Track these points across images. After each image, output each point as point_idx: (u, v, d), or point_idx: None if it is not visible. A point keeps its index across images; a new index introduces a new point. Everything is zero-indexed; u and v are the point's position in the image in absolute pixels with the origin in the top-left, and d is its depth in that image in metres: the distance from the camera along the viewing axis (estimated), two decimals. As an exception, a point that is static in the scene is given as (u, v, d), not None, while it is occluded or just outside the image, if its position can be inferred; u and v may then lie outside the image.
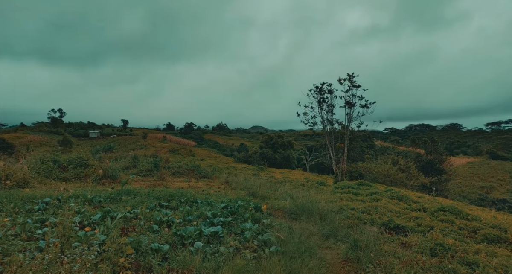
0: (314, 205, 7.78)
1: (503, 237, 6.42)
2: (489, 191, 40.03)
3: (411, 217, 7.80)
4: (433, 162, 31.20)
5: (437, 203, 10.32)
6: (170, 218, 5.89)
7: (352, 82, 21.94)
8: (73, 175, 11.95)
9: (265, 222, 6.11)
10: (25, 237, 4.58)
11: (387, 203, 9.54)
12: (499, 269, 4.61)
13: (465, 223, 7.41)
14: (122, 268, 3.61)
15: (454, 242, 5.68)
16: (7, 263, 3.19)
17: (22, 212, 5.99)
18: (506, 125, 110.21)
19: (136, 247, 4.25)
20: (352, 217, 7.54)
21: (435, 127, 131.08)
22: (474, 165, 52.77)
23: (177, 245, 4.69)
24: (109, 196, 7.91)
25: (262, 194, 10.18)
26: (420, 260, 4.72)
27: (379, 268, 4.40)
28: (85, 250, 3.52)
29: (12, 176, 9.52)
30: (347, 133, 22.32)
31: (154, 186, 11.21)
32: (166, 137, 77.28)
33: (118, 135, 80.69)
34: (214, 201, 8.00)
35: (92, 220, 5.43)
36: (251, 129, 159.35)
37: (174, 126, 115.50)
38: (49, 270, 3.09)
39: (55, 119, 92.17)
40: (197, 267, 3.91)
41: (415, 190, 18.83)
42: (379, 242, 5.42)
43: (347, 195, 11.12)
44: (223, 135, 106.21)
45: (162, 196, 8.32)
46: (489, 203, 28.25)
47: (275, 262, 4.15)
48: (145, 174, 15.18)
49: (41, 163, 12.21)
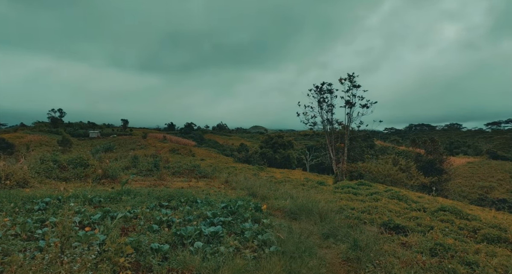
0: (314, 205, 7.78)
1: (503, 237, 6.42)
2: (489, 191, 40.03)
3: (411, 217, 7.80)
4: (433, 162, 31.20)
5: (437, 203, 10.33)
6: (170, 218, 5.89)
7: (352, 82, 21.97)
8: (73, 175, 11.95)
9: (265, 222, 6.10)
10: (25, 237, 4.58)
11: (387, 203, 9.55)
12: (499, 269, 4.61)
13: (465, 223, 7.41)
14: (122, 268, 3.61)
15: (454, 242, 5.68)
16: (7, 263, 3.19)
17: (22, 212, 5.99)
18: (506, 125, 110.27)
19: (136, 247, 4.25)
20: (352, 217, 7.55)
21: (435, 127, 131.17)
22: (474, 165, 52.74)
23: (177, 245, 4.69)
24: (109, 196, 7.91)
25: (262, 194, 10.18)
26: (420, 260, 4.72)
27: (379, 268, 4.40)
28: (85, 250, 3.52)
29: (12, 176, 9.51)
30: (347, 133, 22.33)
31: (154, 186, 11.20)
32: (166, 137, 77.26)
33: (118, 135, 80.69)
34: (214, 201, 7.99)
35: (92, 220, 5.43)
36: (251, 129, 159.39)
37: (175, 126, 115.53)
38: (49, 270, 3.09)
39: (55, 119, 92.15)
40: (197, 267, 3.91)
41: (415, 190, 18.83)
42: (379, 242, 5.42)
43: (347, 195, 11.12)
44: (223, 135, 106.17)
45: (162, 196, 8.32)
46: (489, 203, 28.26)
47: (275, 262, 4.15)
48: (145, 174, 15.18)
49: (41, 163, 12.21)
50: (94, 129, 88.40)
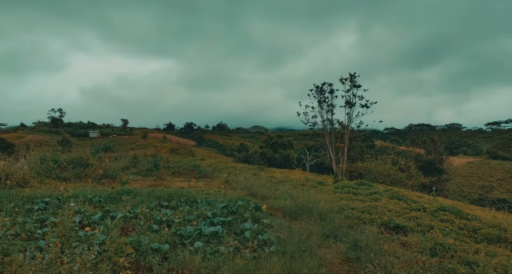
0: (314, 204, 7.78)
1: (503, 237, 6.42)
2: (489, 190, 40.04)
3: (411, 216, 7.81)
4: (433, 162, 31.20)
5: (437, 203, 10.33)
6: (170, 218, 5.89)
7: (353, 82, 21.98)
8: (73, 175, 11.95)
9: (265, 221, 6.11)
10: (25, 237, 4.58)
11: (387, 203, 9.55)
12: (499, 268, 4.61)
13: (465, 222, 7.41)
14: (122, 268, 3.61)
15: (454, 242, 5.68)
16: (7, 262, 3.19)
17: (22, 211, 5.99)
18: (506, 125, 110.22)
19: (136, 247, 4.25)
20: (352, 216, 7.55)
21: (435, 127, 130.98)
22: (474, 165, 52.72)
23: (177, 245, 4.69)
24: (109, 196, 7.91)
25: (262, 193, 10.17)
26: (420, 260, 4.72)
27: (379, 268, 4.40)
28: (85, 250, 3.52)
29: (12, 176, 9.51)
30: (347, 133, 22.33)
31: (154, 186, 11.20)
32: (166, 137, 77.19)
33: (118, 135, 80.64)
34: (214, 201, 8.00)
35: (92, 220, 5.43)
36: (251, 129, 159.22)
37: (174, 125, 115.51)
38: (49, 270, 3.09)
39: (55, 119, 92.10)
40: (197, 266, 3.91)
41: (415, 190, 18.83)
42: (379, 242, 5.42)
43: (347, 195, 11.12)
44: (223, 135, 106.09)
45: (162, 196, 8.32)
46: (489, 202, 28.26)
47: (275, 261, 4.15)
48: (145, 174, 15.17)
49: (41, 162, 12.21)
50: (94, 129, 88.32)
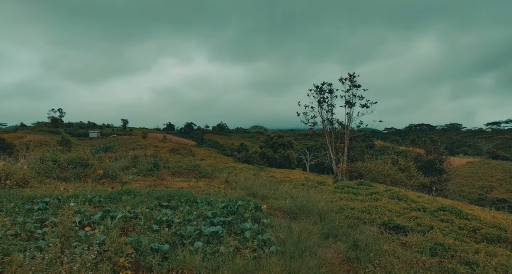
0: (314, 204, 7.78)
1: (503, 237, 6.42)
2: (489, 190, 40.06)
3: (411, 216, 7.81)
4: (433, 162, 31.22)
5: (437, 203, 10.33)
6: (170, 218, 5.89)
7: (353, 82, 21.99)
8: (73, 175, 11.94)
9: (265, 221, 6.11)
10: (25, 237, 4.58)
11: (387, 203, 9.55)
12: (499, 268, 4.61)
13: (465, 222, 7.41)
14: (122, 268, 3.61)
15: (454, 242, 5.68)
16: (7, 262, 3.18)
17: (22, 211, 5.98)
18: (506, 125, 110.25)
19: (136, 247, 4.24)
20: (352, 216, 7.54)
21: (435, 127, 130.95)
22: (474, 165, 52.75)
23: (177, 245, 4.69)
24: (109, 195, 7.91)
25: (262, 193, 10.17)
26: (420, 260, 4.72)
27: (379, 268, 4.40)
28: (85, 249, 3.52)
29: (12, 176, 9.51)
30: (347, 132, 22.34)
31: (154, 186, 11.20)
32: (166, 137, 77.22)
33: (118, 135, 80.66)
34: (214, 201, 7.99)
35: (92, 220, 5.43)
36: (251, 129, 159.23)
37: (174, 126, 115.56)
38: (49, 270, 3.09)
39: (55, 119, 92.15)
40: (197, 266, 3.91)
41: (415, 190, 18.83)
42: (379, 242, 5.42)
43: (347, 195, 11.12)
44: (223, 135, 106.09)
45: (162, 195, 8.31)
46: (489, 202, 28.27)
47: (274, 261, 4.15)
48: (145, 174, 15.15)
49: (41, 162, 12.20)
50: (94, 129, 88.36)
